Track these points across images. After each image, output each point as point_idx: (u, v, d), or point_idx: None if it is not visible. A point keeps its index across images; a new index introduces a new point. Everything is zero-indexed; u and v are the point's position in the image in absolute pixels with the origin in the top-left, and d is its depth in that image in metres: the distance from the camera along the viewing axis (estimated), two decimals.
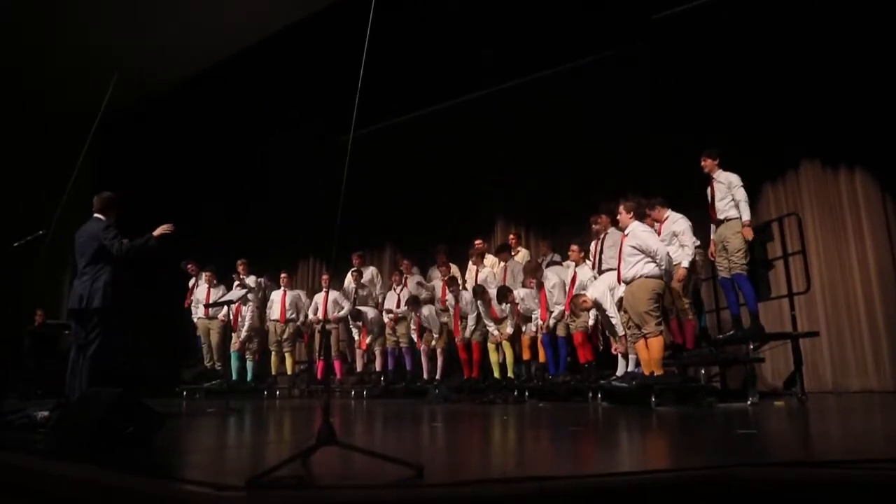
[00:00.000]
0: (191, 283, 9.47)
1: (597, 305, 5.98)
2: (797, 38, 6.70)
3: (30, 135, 10.62)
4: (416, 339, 7.98)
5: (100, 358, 4.66)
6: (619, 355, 6.00)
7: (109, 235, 4.76)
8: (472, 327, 7.48)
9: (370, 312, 8.42)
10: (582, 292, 6.10)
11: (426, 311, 7.89)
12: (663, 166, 7.01)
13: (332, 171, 2.90)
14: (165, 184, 10.79)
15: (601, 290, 5.95)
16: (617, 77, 7.78)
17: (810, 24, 6.60)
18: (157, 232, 4.86)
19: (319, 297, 8.73)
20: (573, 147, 8.26)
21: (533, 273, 6.86)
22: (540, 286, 6.78)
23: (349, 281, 8.93)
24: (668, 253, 5.35)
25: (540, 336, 6.80)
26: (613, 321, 5.92)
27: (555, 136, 8.43)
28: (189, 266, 9.38)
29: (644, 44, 7.38)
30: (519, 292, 7.05)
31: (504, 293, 7.02)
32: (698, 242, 5.88)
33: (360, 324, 8.42)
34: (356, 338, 8.58)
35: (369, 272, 9.18)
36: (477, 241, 8.38)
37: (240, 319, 8.98)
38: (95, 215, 4.94)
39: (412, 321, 8.01)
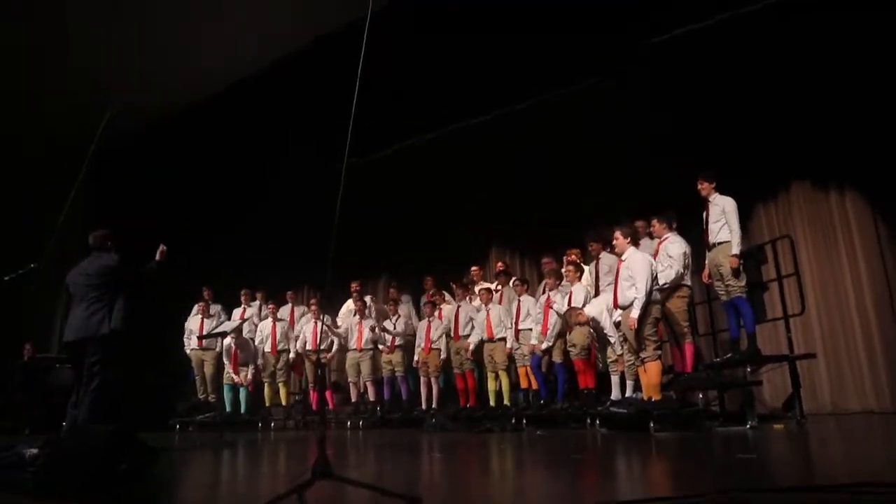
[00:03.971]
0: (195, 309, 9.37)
1: (594, 323, 5.97)
2: (787, 61, 6.78)
3: (24, 166, 10.60)
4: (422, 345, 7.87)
5: (103, 391, 4.65)
6: (617, 377, 5.95)
7: (126, 269, 4.98)
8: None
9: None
10: (577, 307, 6.08)
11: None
12: (657, 190, 7.04)
13: (327, 199, 2.90)
14: (160, 214, 10.78)
15: (598, 308, 5.94)
16: (610, 101, 7.84)
17: (801, 47, 6.69)
18: (158, 257, 5.17)
19: (308, 328, 8.65)
20: (568, 172, 8.30)
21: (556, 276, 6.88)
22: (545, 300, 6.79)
23: (349, 305, 8.89)
24: (647, 290, 5.31)
25: (529, 363, 6.79)
26: (612, 340, 5.90)
27: (550, 161, 8.47)
28: (206, 293, 9.29)
29: (637, 68, 7.46)
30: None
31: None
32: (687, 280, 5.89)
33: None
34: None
35: (367, 300, 9.14)
36: (473, 269, 8.39)
37: (240, 355, 8.88)
38: (95, 253, 5.03)
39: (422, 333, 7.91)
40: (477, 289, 8.01)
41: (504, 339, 7.17)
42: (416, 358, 7.94)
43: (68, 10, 8.44)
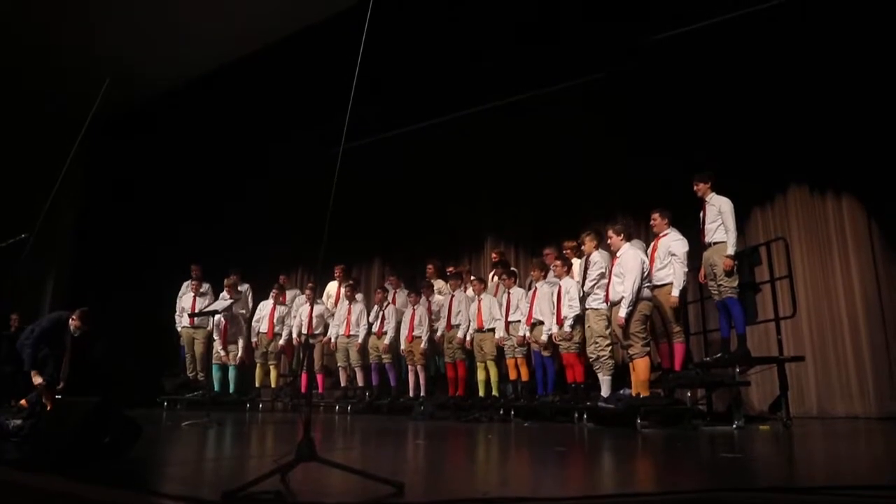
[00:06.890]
0: (184, 287, 9.35)
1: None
2: (787, 65, 6.77)
3: (18, 135, 10.49)
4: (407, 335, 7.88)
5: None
6: (603, 377, 5.94)
7: (32, 339, 5.87)
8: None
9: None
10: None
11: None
12: (654, 187, 7.03)
13: (324, 183, 2.89)
14: (153, 189, 10.74)
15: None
16: (606, 98, 7.84)
17: (801, 51, 6.68)
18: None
19: (304, 311, 8.63)
20: (563, 166, 8.30)
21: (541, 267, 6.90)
22: (532, 289, 6.83)
23: (329, 290, 8.87)
24: (636, 289, 5.33)
25: (518, 355, 6.81)
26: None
27: (545, 154, 8.46)
28: (193, 269, 9.24)
29: (634, 66, 7.44)
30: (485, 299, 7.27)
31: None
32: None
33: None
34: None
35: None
36: (449, 269, 8.36)
37: (229, 331, 8.89)
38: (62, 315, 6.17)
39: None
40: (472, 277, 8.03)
41: (493, 330, 7.17)
42: (401, 346, 7.95)
43: None
